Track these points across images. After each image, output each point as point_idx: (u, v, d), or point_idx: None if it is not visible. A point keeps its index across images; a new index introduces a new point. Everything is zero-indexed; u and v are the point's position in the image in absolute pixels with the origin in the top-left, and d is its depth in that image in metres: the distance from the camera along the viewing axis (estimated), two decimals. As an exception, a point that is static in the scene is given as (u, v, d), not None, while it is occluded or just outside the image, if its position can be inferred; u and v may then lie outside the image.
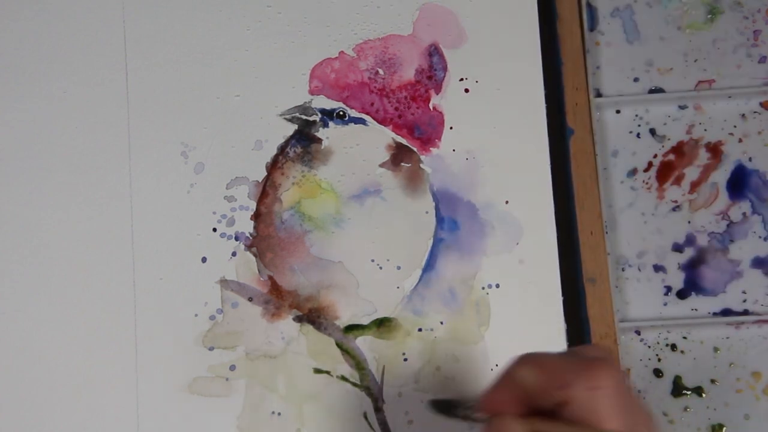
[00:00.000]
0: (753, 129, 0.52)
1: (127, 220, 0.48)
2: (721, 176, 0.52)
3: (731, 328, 0.50)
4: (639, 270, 0.51)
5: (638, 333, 0.50)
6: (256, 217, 0.48)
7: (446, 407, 0.39)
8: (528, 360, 0.33)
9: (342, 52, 0.49)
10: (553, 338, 0.46)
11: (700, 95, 0.52)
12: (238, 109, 0.49)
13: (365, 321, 0.47)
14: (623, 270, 0.51)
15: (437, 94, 0.49)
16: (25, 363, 0.46)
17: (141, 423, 0.46)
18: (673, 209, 0.51)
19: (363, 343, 0.47)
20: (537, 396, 0.32)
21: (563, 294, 0.47)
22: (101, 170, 0.48)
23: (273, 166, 0.48)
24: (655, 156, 0.52)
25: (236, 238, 0.47)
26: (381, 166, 0.48)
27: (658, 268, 0.51)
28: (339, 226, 0.48)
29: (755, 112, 0.52)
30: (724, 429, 0.49)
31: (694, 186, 0.52)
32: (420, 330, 0.47)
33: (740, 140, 0.52)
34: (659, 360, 0.50)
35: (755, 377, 0.49)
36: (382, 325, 0.47)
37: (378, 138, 0.48)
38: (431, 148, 0.48)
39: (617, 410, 0.31)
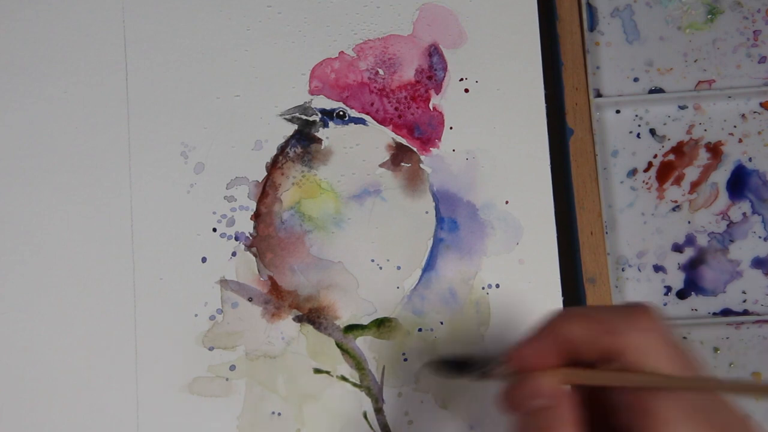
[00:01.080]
0: (753, 129, 0.52)
1: (127, 220, 0.48)
2: (721, 176, 0.52)
3: (731, 328, 0.50)
4: (639, 270, 0.51)
5: (638, 333, 0.50)
6: (256, 217, 0.48)
7: (454, 367, 0.37)
8: (572, 312, 0.32)
9: (342, 52, 0.49)
10: (553, 338, 0.46)
11: (700, 95, 0.52)
12: (238, 109, 0.49)
13: (365, 321, 0.47)
14: (623, 270, 0.51)
15: (437, 94, 0.49)
16: (25, 363, 0.46)
17: (141, 423, 0.46)
18: (673, 209, 0.51)
19: (363, 343, 0.47)
20: (583, 348, 0.31)
21: (563, 294, 0.47)
22: (101, 170, 0.48)
23: (273, 166, 0.48)
24: (655, 156, 0.52)
25: (236, 238, 0.47)
26: (381, 166, 0.48)
27: (658, 268, 0.51)
28: (339, 226, 0.48)
29: (755, 112, 0.52)
30: (724, 429, 0.49)
31: (694, 186, 0.52)
32: (420, 330, 0.47)
33: (740, 140, 0.52)
34: (659, 360, 0.50)
35: (755, 377, 0.49)
36: (382, 325, 0.47)
37: (378, 138, 0.48)
38: (431, 148, 0.48)
39: (673, 352, 0.30)
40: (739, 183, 0.51)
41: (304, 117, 0.49)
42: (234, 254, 0.47)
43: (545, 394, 0.31)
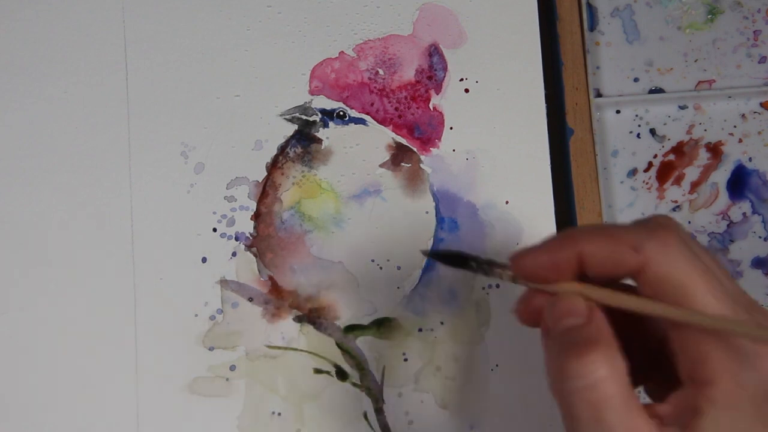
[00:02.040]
0: (753, 129, 0.52)
1: (127, 220, 0.48)
2: (721, 176, 0.52)
3: (731, 328, 0.50)
4: (639, 270, 0.51)
5: (638, 333, 0.50)
6: (256, 217, 0.48)
7: (460, 259, 0.35)
8: (589, 228, 0.30)
9: (342, 52, 0.49)
10: (553, 338, 0.46)
11: (700, 95, 0.52)
12: (238, 109, 0.49)
13: (365, 321, 0.47)
14: (623, 270, 0.51)
15: (437, 94, 0.49)
16: (25, 363, 0.46)
17: (141, 423, 0.46)
18: (674, 209, 0.51)
19: (363, 343, 0.47)
20: (603, 267, 0.29)
21: (563, 294, 0.47)
22: (101, 170, 0.48)
23: (273, 166, 0.48)
24: (655, 156, 0.52)
25: (236, 238, 0.47)
26: (381, 166, 0.48)
27: (658, 268, 0.51)
28: (339, 226, 0.48)
29: (755, 112, 0.52)
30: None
31: (694, 186, 0.52)
32: (420, 330, 0.47)
33: (740, 140, 0.52)
34: (659, 360, 0.50)
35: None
36: (382, 325, 0.47)
37: (378, 138, 0.48)
38: (431, 148, 0.48)
39: (700, 266, 0.28)
40: (739, 183, 0.51)
41: (304, 117, 0.49)
42: (234, 254, 0.47)
43: (580, 312, 0.29)
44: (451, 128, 0.49)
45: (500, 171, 0.48)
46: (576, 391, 0.28)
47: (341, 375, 0.47)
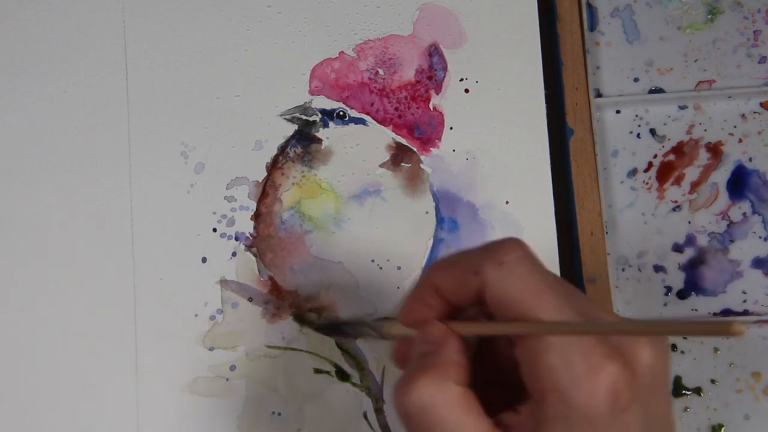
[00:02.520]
0: (753, 129, 0.52)
1: (127, 220, 0.48)
2: (721, 176, 0.52)
3: (731, 328, 0.50)
4: (639, 270, 0.51)
5: (638, 333, 0.50)
6: (256, 217, 0.48)
7: (340, 328, 0.39)
8: (440, 260, 0.32)
9: (342, 52, 0.49)
10: (553, 338, 0.46)
11: (700, 95, 0.52)
12: (238, 109, 0.49)
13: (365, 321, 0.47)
14: (623, 270, 0.51)
15: (437, 94, 0.49)
16: (25, 363, 0.46)
17: (141, 423, 0.46)
18: (673, 209, 0.51)
19: (363, 343, 0.47)
20: (456, 295, 0.30)
21: (563, 294, 0.47)
22: (101, 170, 0.48)
23: (273, 166, 0.48)
24: (655, 156, 0.52)
25: (236, 238, 0.47)
26: (381, 166, 0.48)
27: (658, 269, 0.51)
28: (339, 226, 0.48)
29: (755, 112, 0.52)
30: (724, 429, 0.49)
31: (694, 186, 0.52)
32: (420, 330, 0.47)
33: (740, 140, 0.52)
34: (659, 360, 0.50)
35: (755, 377, 0.49)
36: (382, 325, 0.47)
37: (378, 138, 0.48)
38: (431, 148, 0.48)
39: (537, 282, 0.29)
40: (739, 183, 0.51)
41: (304, 117, 0.49)
42: (234, 254, 0.47)
43: (431, 340, 0.31)
44: (451, 128, 0.49)
45: (500, 171, 0.48)
46: (407, 415, 0.29)
47: (341, 375, 0.47)
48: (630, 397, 0.27)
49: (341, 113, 0.49)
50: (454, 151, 0.48)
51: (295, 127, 0.49)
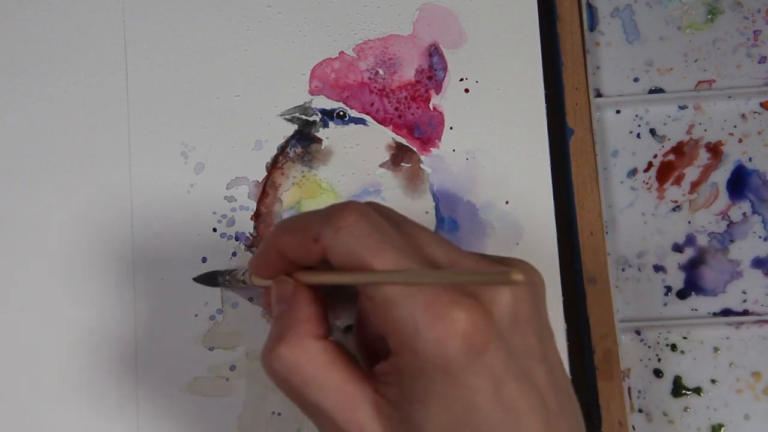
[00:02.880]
0: (753, 129, 0.52)
1: (127, 220, 0.48)
2: (721, 176, 0.52)
3: (731, 328, 0.50)
4: (639, 270, 0.51)
5: (638, 333, 0.50)
6: (257, 217, 0.48)
7: (213, 278, 0.43)
8: (282, 224, 0.32)
9: (342, 52, 0.49)
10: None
11: (700, 95, 0.52)
12: (238, 109, 0.49)
13: (365, 321, 0.47)
14: (623, 270, 0.51)
15: (437, 94, 0.49)
16: (25, 363, 0.46)
17: (141, 423, 0.46)
18: (673, 209, 0.51)
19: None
20: (300, 259, 0.31)
21: (563, 294, 0.47)
22: (101, 170, 0.48)
23: (273, 166, 0.48)
24: (655, 156, 0.52)
25: (236, 238, 0.47)
26: (381, 166, 0.48)
27: (658, 268, 0.51)
28: (339, 226, 0.48)
29: (755, 112, 0.52)
30: (724, 429, 0.49)
31: (694, 186, 0.52)
32: (420, 330, 0.47)
33: (740, 140, 0.52)
34: (659, 360, 0.50)
35: (755, 377, 0.49)
36: (382, 325, 0.47)
37: (378, 138, 0.48)
38: (431, 148, 0.48)
39: (373, 240, 0.29)
40: (739, 183, 0.51)
41: (304, 117, 0.49)
42: (234, 254, 0.47)
43: (283, 299, 0.32)
44: (451, 128, 0.49)
45: (500, 171, 0.48)
46: (278, 381, 0.30)
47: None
48: (485, 339, 0.27)
49: (341, 113, 0.49)
50: (454, 151, 0.48)
51: (295, 127, 0.49)
